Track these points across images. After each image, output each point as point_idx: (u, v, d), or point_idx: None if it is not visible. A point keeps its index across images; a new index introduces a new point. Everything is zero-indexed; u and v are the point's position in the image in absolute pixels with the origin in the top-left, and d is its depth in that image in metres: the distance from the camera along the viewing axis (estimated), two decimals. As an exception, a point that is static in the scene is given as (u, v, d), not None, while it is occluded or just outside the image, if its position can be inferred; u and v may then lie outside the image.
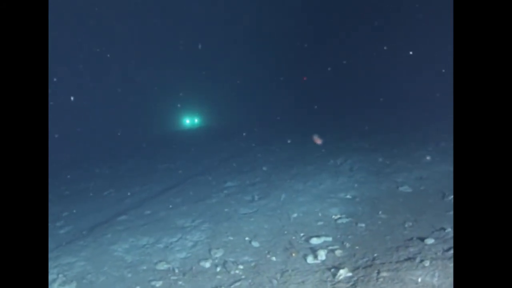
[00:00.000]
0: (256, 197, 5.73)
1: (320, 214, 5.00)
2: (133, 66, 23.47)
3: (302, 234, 4.52)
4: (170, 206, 5.83)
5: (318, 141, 7.72)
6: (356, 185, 5.86)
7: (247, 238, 4.52)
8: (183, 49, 23.40)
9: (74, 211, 6.57)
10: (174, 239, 4.66)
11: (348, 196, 5.51)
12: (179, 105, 21.85)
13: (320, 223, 4.79)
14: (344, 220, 4.79)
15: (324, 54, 20.36)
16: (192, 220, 5.15)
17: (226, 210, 5.35)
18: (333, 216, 4.95)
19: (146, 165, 10.25)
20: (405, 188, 5.58)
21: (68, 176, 10.44)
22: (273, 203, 5.42)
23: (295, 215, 5.03)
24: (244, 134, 13.74)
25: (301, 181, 6.14)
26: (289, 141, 10.42)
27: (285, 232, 4.62)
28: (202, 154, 10.53)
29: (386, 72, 17.93)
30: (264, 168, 7.39)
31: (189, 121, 23.14)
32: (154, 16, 23.85)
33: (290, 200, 5.46)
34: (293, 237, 4.48)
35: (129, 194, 7.11)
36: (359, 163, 6.92)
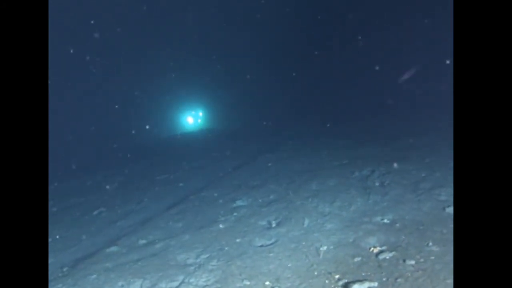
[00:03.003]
0: (274, 223, 4.75)
1: (355, 247, 4.03)
2: (132, 67, 22.54)
3: (337, 277, 3.54)
4: (170, 233, 4.86)
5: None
6: (392, 205, 4.88)
7: (267, 283, 3.55)
8: (186, 49, 22.48)
9: (58, 236, 5.61)
10: (175, 284, 3.68)
11: (386, 221, 4.54)
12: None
13: (357, 259, 3.82)
14: (387, 255, 3.82)
15: (331, 59, 19.43)
16: (196, 255, 4.18)
17: (238, 240, 4.38)
18: (372, 249, 3.98)
19: (143, 175, 9.30)
20: (453, 210, 4.61)
21: (59, 188, 9.50)
22: (295, 231, 4.44)
23: (324, 248, 4.05)
24: (249, 138, 12.78)
25: (326, 201, 5.16)
26: (300, 147, 9.45)
27: (315, 273, 3.64)
28: (205, 162, 9.57)
29: (397, 73, 16.96)
30: (279, 182, 6.41)
31: (192, 122, 22.27)
32: (156, 17, 22.92)
33: (316, 226, 4.48)
34: (327, 281, 3.50)
35: (122, 214, 6.15)
36: (389, 175, 5.94)
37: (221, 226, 4.84)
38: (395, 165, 6.41)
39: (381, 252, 3.90)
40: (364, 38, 18.95)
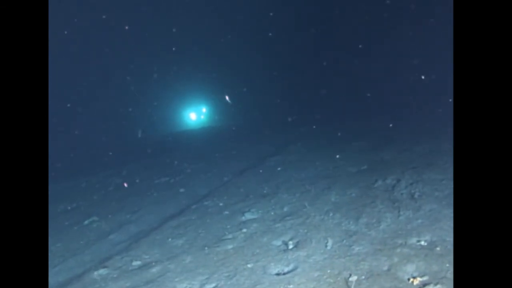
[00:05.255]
0: (290, 243, 4.06)
1: (391, 277, 3.34)
2: (132, 65, 21.89)
3: (374, 320, 2.87)
4: (169, 253, 4.18)
5: None
6: (428, 223, 4.19)
7: (288, 327, 2.87)
8: (187, 48, 21.80)
9: (41, 252, 4.93)
10: (174, 324, 3.01)
11: (423, 243, 3.85)
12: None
13: (395, 294, 3.14)
14: (432, 290, 3.14)
15: (342, 57, 18.72)
16: (200, 285, 3.49)
17: (249, 266, 3.69)
18: (412, 280, 3.30)
19: (142, 177, 8.62)
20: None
21: (51, 191, 8.83)
22: (317, 254, 3.75)
23: (354, 278, 3.37)
24: (255, 137, 12.09)
25: (349, 216, 4.46)
26: (311, 149, 8.75)
27: (347, 313, 2.97)
28: (209, 163, 8.88)
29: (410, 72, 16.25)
30: (291, 191, 5.73)
31: (195, 118, 21.65)
32: (155, 14, 22.23)
33: (342, 249, 3.79)
34: (362, 325, 2.83)
35: (115, 225, 5.47)
36: (418, 185, 5.25)
37: (228, 246, 4.15)
38: (422, 173, 5.72)
39: (424, 285, 3.22)
40: (376, 38, 18.29)
